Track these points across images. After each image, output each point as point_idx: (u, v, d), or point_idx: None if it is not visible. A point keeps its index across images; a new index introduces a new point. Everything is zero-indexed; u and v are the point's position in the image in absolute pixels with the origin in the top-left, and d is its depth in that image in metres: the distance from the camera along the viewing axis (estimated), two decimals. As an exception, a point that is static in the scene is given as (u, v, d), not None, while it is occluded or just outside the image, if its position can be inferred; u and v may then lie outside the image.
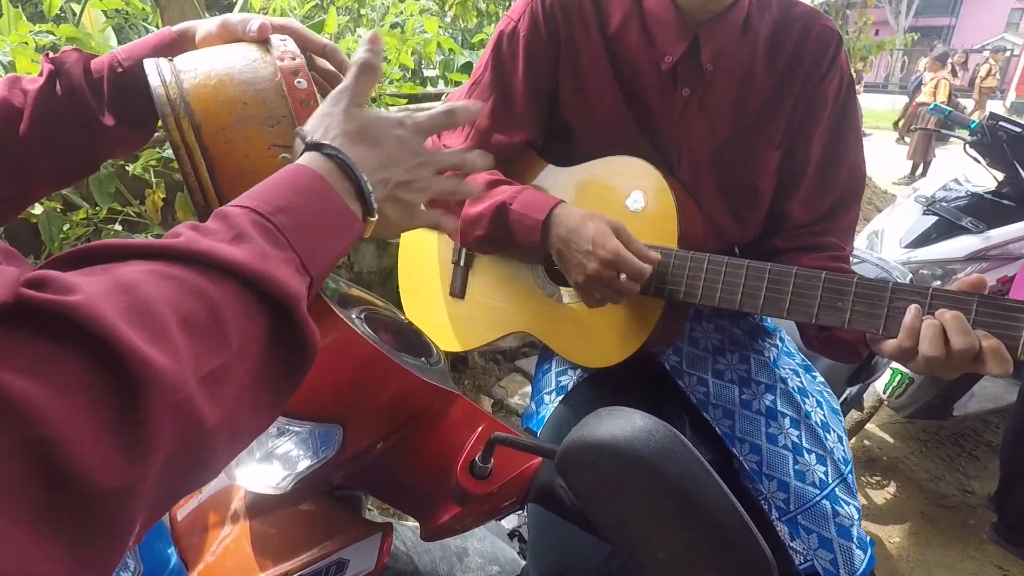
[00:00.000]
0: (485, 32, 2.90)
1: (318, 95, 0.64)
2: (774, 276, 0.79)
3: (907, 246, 2.06)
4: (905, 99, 8.98)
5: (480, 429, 0.63)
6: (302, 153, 0.46)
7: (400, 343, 0.70)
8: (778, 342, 1.05)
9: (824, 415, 0.97)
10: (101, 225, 1.56)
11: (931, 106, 2.33)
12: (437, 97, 2.00)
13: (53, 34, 1.42)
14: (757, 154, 0.91)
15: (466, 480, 0.60)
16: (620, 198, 0.92)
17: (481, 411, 0.65)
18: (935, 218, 2.11)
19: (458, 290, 1.09)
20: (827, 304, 0.75)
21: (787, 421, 0.93)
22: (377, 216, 0.47)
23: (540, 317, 1.00)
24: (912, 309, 0.68)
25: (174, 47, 0.66)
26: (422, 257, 1.16)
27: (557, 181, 1.00)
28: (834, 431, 0.95)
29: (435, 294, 1.12)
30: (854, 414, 2.00)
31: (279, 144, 0.55)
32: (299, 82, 0.56)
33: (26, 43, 1.34)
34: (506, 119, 0.94)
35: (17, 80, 0.61)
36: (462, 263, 1.08)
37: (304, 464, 0.63)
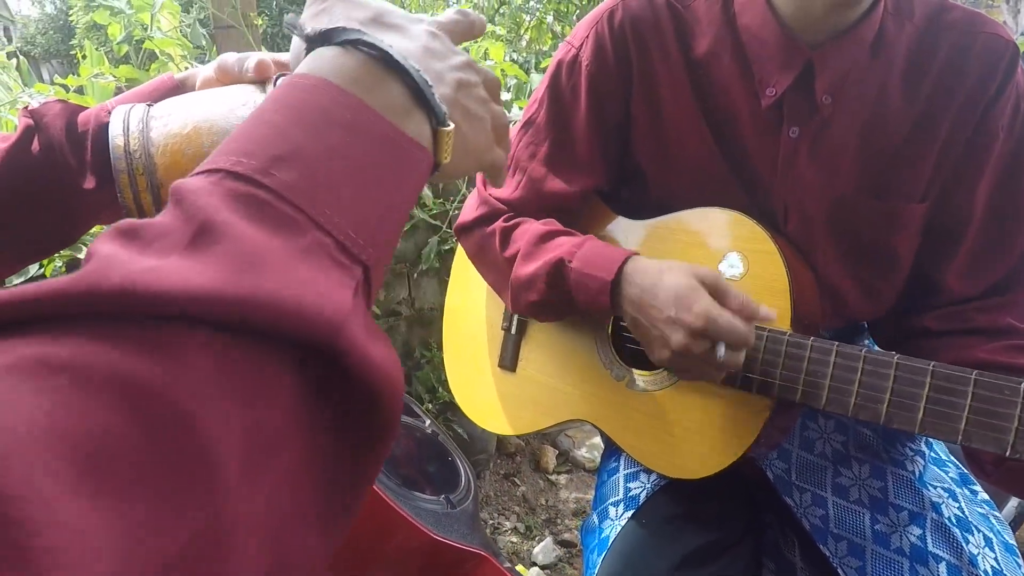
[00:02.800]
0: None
1: None
2: (940, 382, 0.56)
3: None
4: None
5: (510, 614, 0.45)
6: (302, 57, 0.30)
7: (416, 471, 0.53)
8: (924, 447, 0.80)
9: (996, 559, 0.71)
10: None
11: None
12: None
13: (115, 76, 1.40)
14: (893, 208, 0.69)
15: None
16: (711, 262, 0.72)
17: (514, 581, 0.47)
18: None
19: (508, 362, 0.91)
20: None
21: (943, 568, 0.68)
22: (452, 126, 0.30)
23: (606, 405, 0.80)
24: None
25: (174, 95, 0.55)
26: (468, 319, 0.99)
27: (628, 237, 0.81)
28: (1013, 584, 0.69)
29: (482, 364, 0.96)
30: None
31: None
32: None
33: (78, 89, 1.32)
34: (565, 165, 0.77)
35: None
36: (513, 330, 0.91)
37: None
